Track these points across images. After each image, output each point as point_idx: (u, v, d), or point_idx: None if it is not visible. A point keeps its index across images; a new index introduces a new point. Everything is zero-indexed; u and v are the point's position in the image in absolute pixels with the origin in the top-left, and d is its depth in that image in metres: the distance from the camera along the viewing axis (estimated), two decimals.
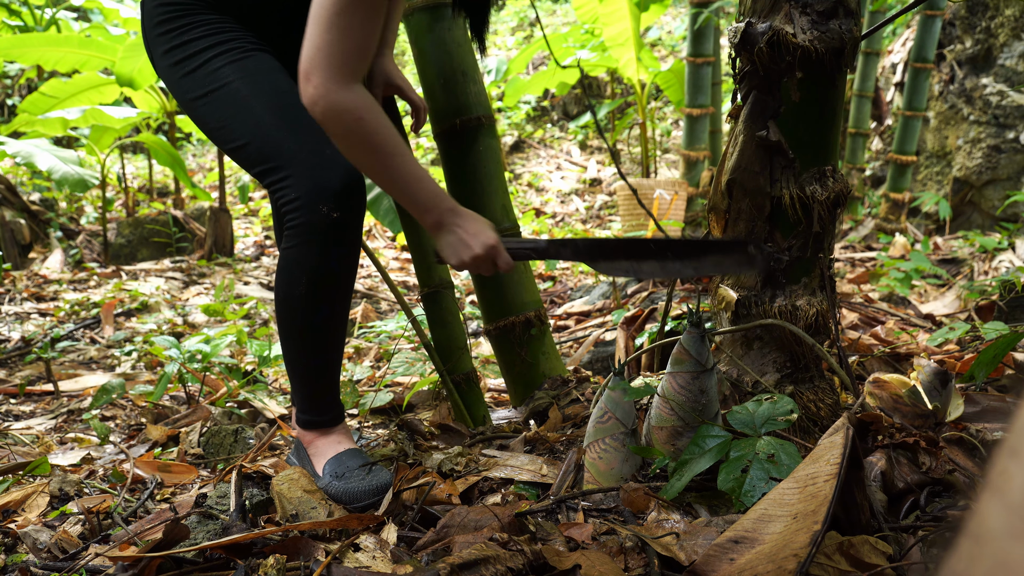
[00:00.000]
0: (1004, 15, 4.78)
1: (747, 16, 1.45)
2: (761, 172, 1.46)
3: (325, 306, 1.54)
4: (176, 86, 1.59)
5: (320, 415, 1.63)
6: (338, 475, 1.54)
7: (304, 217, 1.46)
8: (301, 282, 1.51)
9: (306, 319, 1.55)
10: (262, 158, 1.50)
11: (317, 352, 1.59)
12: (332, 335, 1.58)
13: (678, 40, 9.63)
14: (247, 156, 1.53)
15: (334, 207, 1.45)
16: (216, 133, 1.56)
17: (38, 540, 1.47)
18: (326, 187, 1.45)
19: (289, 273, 1.52)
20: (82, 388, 3.22)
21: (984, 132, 4.86)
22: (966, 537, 0.33)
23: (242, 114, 1.51)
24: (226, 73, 1.52)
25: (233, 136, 1.53)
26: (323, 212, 1.45)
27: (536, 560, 1.11)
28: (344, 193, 1.46)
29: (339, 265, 1.52)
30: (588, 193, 8.34)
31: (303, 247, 1.49)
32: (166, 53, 1.58)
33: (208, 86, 1.53)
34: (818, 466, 1.05)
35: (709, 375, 1.39)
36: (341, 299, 1.57)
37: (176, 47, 1.56)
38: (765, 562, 0.91)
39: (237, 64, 1.53)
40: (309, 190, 1.45)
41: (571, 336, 3.22)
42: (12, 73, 8.54)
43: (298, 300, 1.53)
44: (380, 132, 1.39)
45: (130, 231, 6.40)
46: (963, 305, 2.89)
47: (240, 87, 1.51)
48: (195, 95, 1.55)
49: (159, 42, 1.59)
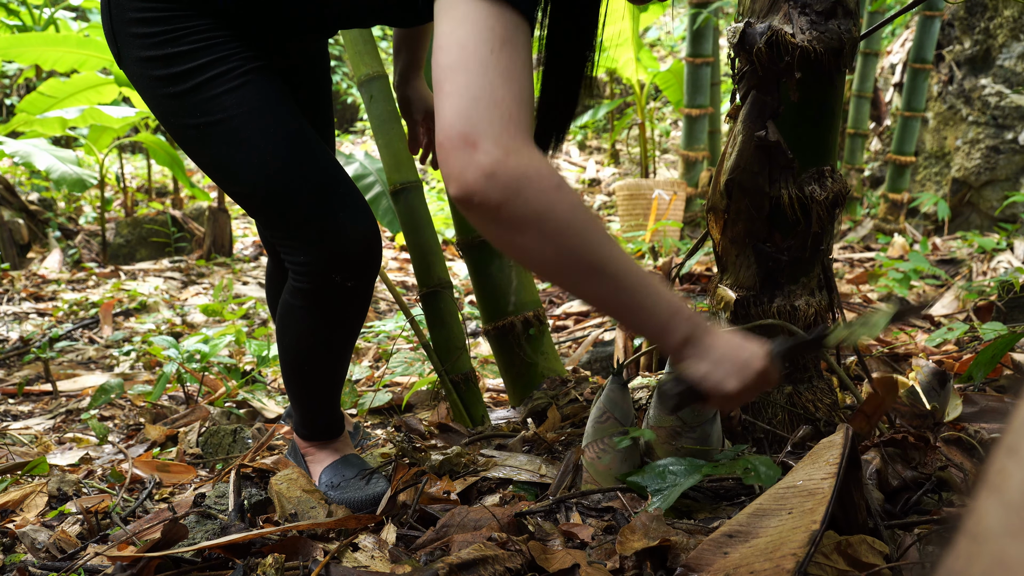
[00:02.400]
0: (1003, 16, 4.78)
1: (746, 16, 1.45)
2: (760, 172, 1.46)
3: (332, 354, 1.48)
4: (157, 102, 1.30)
5: (318, 429, 1.61)
6: (334, 485, 1.53)
7: (312, 284, 1.31)
8: (306, 338, 1.43)
9: (312, 365, 1.49)
10: (266, 211, 1.30)
11: (317, 382, 1.54)
12: (336, 370, 1.54)
13: (677, 40, 9.64)
14: (248, 203, 1.33)
15: (348, 276, 1.30)
16: (210, 170, 1.33)
17: (36, 540, 1.47)
18: (341, 257, 1.28)
19: (296, 329, 1.41)
20: (80, 388, 3.22)
21: (983, 133, 4.87)
22: (964, 535, 0.33)
23: (244, 156, 1.27)
24: (224, 104, 1.25)
25: (231, 179, 1.31)
26: (336, 281, 1.30)
27: (534, 560, 1.11)
28: (360, 261, 1.30)
29: (350, 322, 1.41)
30: (587, 193, 8.34)
31: (311, 311, 1.36)
32: (146, 61, 1.27)
33: (201, 116, 1.26)
34: (817, 466, 1.06)
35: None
36: (347, 345, 1.48)
37: (160, 58, 1.26)
38: (762, 559, 0.91)
39: (238, 94, 1.26)
40: (321, 258, 1.28)
41: (570, 336, 3.22)
42: (10, 73, 8.53)
43: (304, 352, 1.46)
44: (581, 207, 0.98)
45: (129, 231, 6.40)
46: (961, 306, 2.89)
47: (241, 125, 1.26)
48: (184, 122, 1.29)
49: (135, 44, 1.28)
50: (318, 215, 1.27)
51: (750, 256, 1.51)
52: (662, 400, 1.18)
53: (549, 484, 1.49)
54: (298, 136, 1.29)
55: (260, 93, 1.27)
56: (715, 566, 0.95)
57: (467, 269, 2.07)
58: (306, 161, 1.28)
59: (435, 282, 2.02)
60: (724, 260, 1.57)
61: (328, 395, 1.57)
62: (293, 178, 1.27)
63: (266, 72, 1.30)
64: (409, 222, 2.00)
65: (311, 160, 1.28)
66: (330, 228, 1.27)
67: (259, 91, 1.27)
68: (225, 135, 1.27)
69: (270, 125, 1.27)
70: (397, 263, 5.89)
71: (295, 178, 1.27)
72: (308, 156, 1.28)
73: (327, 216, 1.27)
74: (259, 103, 1.27)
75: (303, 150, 1.28)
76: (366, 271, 1.33)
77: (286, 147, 1.27)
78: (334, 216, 1.27)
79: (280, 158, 1.26)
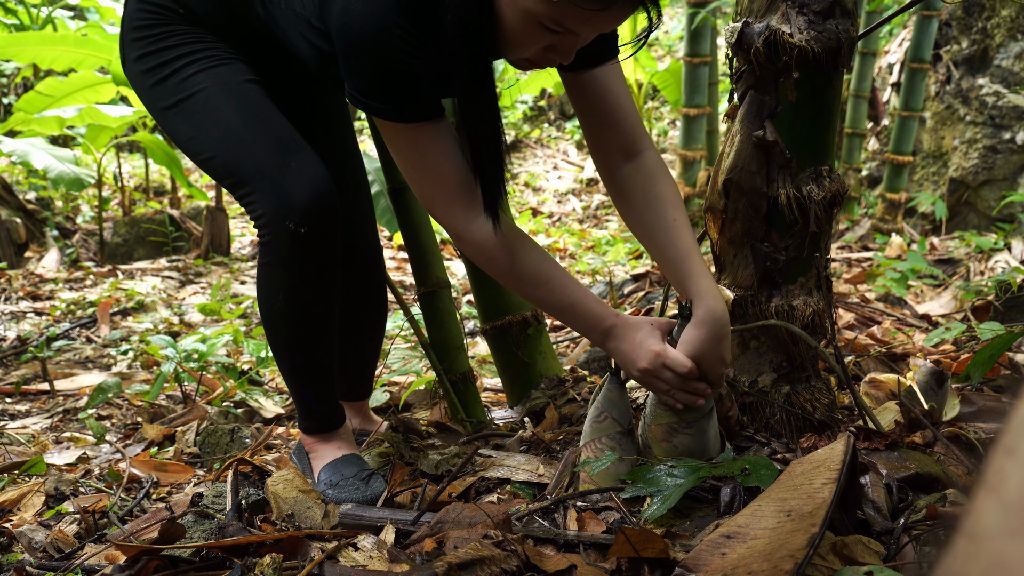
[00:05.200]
0: (1000, 16, 4.79)
1: (744, 16, 1.45)
2: (758, 172, 1.46)
3: (306, 320, 1.52)
4: (146, 95, 1.53)
5: (318, 421, 1.63)
6: (332, 483, 1.54)
7: (272, 234, 1.42)
8: (278, 299, 1.49)
9: (289, 333, 1.53)
10: (228, 171, 1.46)
11: (305, 364, 1.57)
12: (318, 347, 1.56)
13: (675, 40, 9.64)
14: (215, 169, 1.49)
15: (300, 222, 1.40)
16: (185, 144, 1.51)
17: (33, 539, 1.47)
18: (290, 202, 1.40)
19: (265, 290, 1.50)
20: (78, 387, 3.22)
21: (980, 132, 4.87)
22: (962, 535, 0.33)
23: (210, 125, 1.46)
24: (197, 81, 1.47)
25: (201, 148, 1.48)
26: (289, 228, 1.40)
27: (529, 560, 1.11)
28: (310, 207, 1.41)
29: (314, 279, 1.48)
30: (585, 193, 8.34)
31: (275, 264, 1.46)
32: (138, 59, 1.51)
33: (178, 95, 1.48)
34: (817, 470, 1.06)
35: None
36: (322, 310, 1.53)
37: (149, 54, 1.50)
38: (760, 560, 0.91)
39: (208, 72, 1.47)
40: (274, 206, 1.41)
41: (568, 336, 3.22)
42: (8, 72, 8.52)
43: (279, 316, 1.51)
44: (517, 266, 1.35)
45: (126, 230, 6.39)
46: (959, 305, 2.90)
47: (209, 96, 1.46)
48: (165, 104, 1.50)
49: (133, 47, 1.52)
50: (271, 165, 1.43)
51: (748, 256, 1.51)
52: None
53: (547, 484, 1.49)
54: (261, 104, 1.48)
55: (229, 71, 1.49)
56: (713, 566, 0.95)
57: (465, 269, 2.07)
58: (263, 122, 1.47)
59: (433, 282, 2.02)
60: (722, 260, 1.57)
61: (319, 376, 1.59)
62: (250, 134, 1.45)
63: (239, 60, 1.51)
64: (407, 222, 2.00)
65: (267, 121, 1.47)
66: (281, 176, 1.42)
67: (229, 70, 1.49)
68: (196, 105, 1.47)
69: (235, 93, 1.47)
70: (395, 263, 5.89)
71: (252, 134, 1.45)
72: (266, 118, 1.47)
73: (278, 166, 1.43)
74: (227, 77, 1.48)
75: (264, 115, 1.47)
76: (317, 218, 1.42)
77: (247, 110, 1.46)
78: (285, 166, 1.43)
79: (242, 119, 1.45)
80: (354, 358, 1.88)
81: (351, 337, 1.81)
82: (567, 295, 1.37)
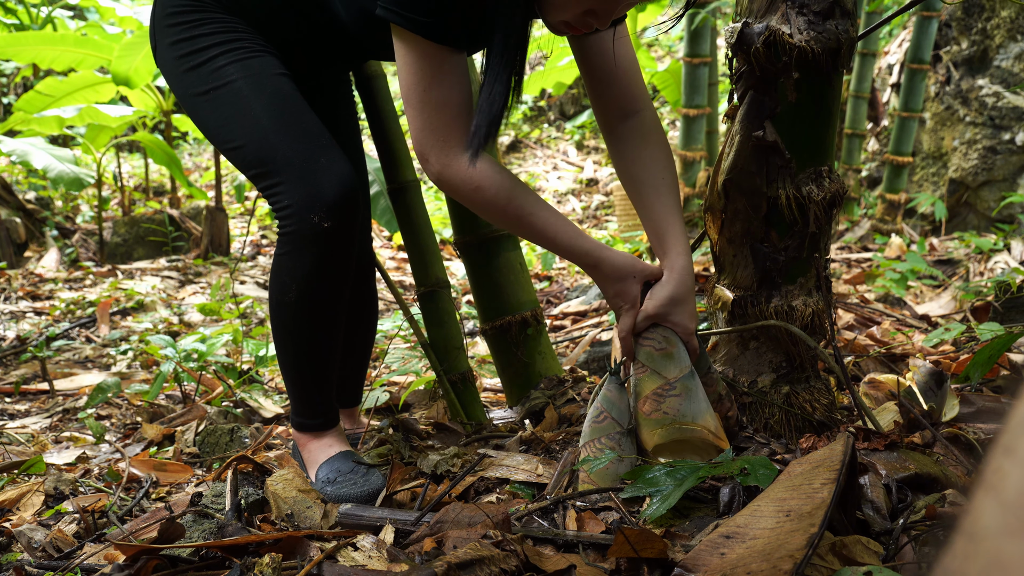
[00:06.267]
0: (1000, 16, 4.79)
1: (743, 16, 1.45)
2: (757, 172, 1.46)
3: (317, 314, 1.53)
4: (178, 80, 1.56)
5: (312, 418, 1.63)
6: (330, 480, 1.54)
7: (295, 225, 1.44)
8: (291, 289, 1.50)
9: (298, 325, 1.54)
10: (257, 162, 1.48)
11: (310, 358, 1.58)
12: (325, 342, 1.57)
13: (675, 40, 9.64)
14: (243, 158, 1.51)
15: (325, 216, 1.43)
16: (214, 132, 1.54)
17: (33, 539, 1.47)
18: (318, 196, 1.43)
19: (280, 280, 1.51)
20: (77, 387, 3.22)
21: (980, 133, 4.87)
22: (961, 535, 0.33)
23: (241, 115, 1.48)
24: (230, 72, 1.50)
25: (230, 136, 1.50)
26: (314, 221, 1.43)
27: (528, 560, 1.11)
28: (337, 203, 1.44)
29: (331, 274, 1.50)
30: (585, 193, 8.35)
31: (294, 255, 1.47)
32: (172, 45, 1.54)
33: (210, 83, 1.51)
34: (817, 470, 1.06)
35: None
36: (334, 307, 1.55)
37: (183, 40, 1.53)
38: (759, 560, 0.91)
39: (242, 63, 1.50)
40: (301, 198, 1.43)
41: (567, 336, 3.22)
42: (8, 71, 8.52)
43: (289, 307, 1.52)
44: (500, 197, 1.38)
45: (126, 230, 6.39)
46: (959, 306, 2.90)
47: (242, 87, 1.49)
48: (196, 91, 1.53)
49: (167, 33, 1.55)
50: (301, 158, 1.45)
51: (747, 256, 1.51)
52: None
53: (546, 484, 1.49)
54: (292, 98, 1.51)
55: (262, 64, 1.51)
56: (712, 566, 0.95)
57: (465, 269, 2.07)
58: (295, 116, 1.49)
59: (433, 281, 2.02)
60: (722, 260, 1.57)
61: (322, 371, 1.60)
62: (281, 127, 1.47)
63: (271, 54, 1.54)
64: (407, 222, 2.00)
65: (298, 115, 1.49)
66: (309, 168, 1.45)
67: (262, 63, 1.52)
68: (228, 96, 1.49)
69: (267, 87, 1.50)
70: (395, 263, 5.89)
71: (283, 127, 1.47)
72: (297, 112, 1.49)
73: (308, 159, 1.45)
74: (259, 71, 1.51)
75: (294, 108, 1.50)
76: (342, 214, 1.45)
77: (279, 103, 1.49)
78: (315, 160, 1.45)
79: (273, 112, 1.48)
80: (349, 363, 1.89)
81: (346, 342, 1.81)
82: (548, 225, 1.42)
